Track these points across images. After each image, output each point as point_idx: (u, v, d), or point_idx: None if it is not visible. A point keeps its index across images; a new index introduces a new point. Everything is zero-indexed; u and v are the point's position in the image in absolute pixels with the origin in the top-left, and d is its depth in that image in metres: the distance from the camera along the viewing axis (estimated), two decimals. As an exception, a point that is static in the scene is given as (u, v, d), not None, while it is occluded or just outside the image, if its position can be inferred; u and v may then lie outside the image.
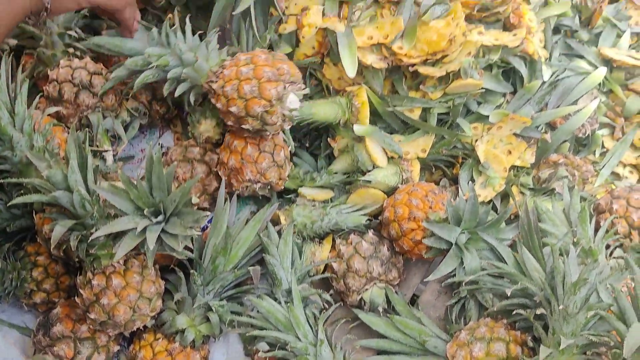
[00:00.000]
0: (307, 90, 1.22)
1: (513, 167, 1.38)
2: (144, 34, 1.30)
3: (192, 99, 1.26)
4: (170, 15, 1.40)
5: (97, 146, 1.33)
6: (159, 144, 1.52)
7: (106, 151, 1.33)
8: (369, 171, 1.34)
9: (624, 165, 1.47)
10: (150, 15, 1.57)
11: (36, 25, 1.13)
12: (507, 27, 1.40)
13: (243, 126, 1.18)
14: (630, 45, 1.53)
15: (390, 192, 1.32)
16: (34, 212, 1.16)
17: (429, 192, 1.24)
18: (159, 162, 1.03)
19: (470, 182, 1.34)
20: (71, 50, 1.38)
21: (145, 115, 1.44)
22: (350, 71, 1.26)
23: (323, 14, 1.34)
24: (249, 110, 1.14)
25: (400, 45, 1.29)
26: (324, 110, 1.29)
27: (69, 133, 1.07)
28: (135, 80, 1.25)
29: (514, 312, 1.08)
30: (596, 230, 1.23)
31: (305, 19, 1.31)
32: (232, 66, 1.16)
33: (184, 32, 1.26)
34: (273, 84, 1.13)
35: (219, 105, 1.18)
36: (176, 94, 1.24)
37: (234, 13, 1.23)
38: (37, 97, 1.27)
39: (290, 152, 1.31)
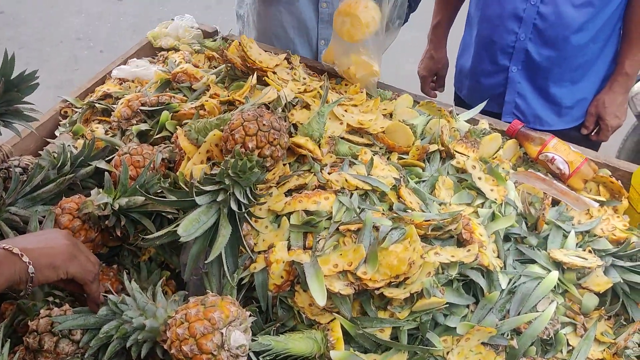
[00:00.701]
0: (252, 319, 1.26)
1: (487, 376, 1.41)
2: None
3: (159, 354, 1.30)
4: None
5: (77, 394, 1.35)
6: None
7: (85, 399, 1.34)
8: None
9: (592, 362, 1.52)
10: (126, 251, 1.66)
11: (19, 296, 1.19)
12: (460, 242, 1.51)
13: None
14: (577, 244, 1.64)
15: (371, 414, 1.33)
16: None
17: (407, 414, 1.26)
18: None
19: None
20: (50, 298, 1.44)
21: (123, 355, 1.46)
22: (320, 300, 1.33)
23: (289, 248, 1.44)
24: None
25: (365, 270, 1.38)
26: (299, 346, 1.33)
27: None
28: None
29: None
30: None
31: (272, 256, 1.40)
32: (172, 326, 1.22)
33: (133, 296, 1.31)
34: (208, 336, 1.18)
35: None
36: (142, 355, 1.28)
37: (206, 262, 1.31)
38: (18, 349, 1.31)
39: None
